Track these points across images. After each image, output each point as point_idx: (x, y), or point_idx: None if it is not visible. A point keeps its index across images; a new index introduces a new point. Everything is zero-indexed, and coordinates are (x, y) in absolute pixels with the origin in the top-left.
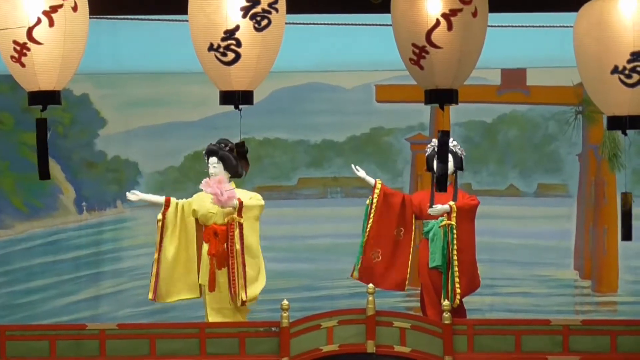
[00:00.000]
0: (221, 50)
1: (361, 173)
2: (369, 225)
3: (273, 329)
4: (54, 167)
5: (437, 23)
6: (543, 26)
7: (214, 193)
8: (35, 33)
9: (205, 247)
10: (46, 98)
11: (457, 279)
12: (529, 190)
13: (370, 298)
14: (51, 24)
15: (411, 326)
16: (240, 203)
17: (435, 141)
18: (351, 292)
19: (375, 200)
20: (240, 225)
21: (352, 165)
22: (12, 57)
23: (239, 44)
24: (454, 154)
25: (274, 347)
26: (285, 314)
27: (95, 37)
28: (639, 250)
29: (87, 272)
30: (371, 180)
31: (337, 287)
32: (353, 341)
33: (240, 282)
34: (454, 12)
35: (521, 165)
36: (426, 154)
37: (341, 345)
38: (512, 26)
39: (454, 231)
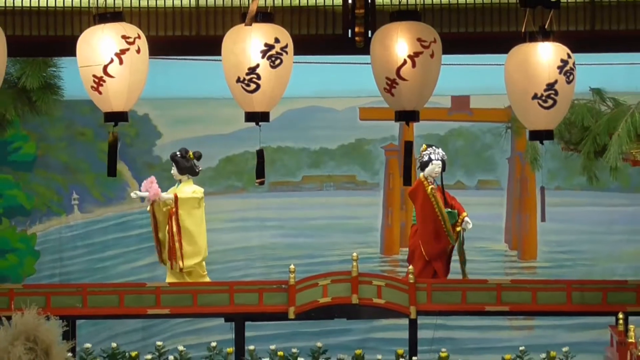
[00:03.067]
0: (246, 82)
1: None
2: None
3: (283, 286)
4: (123, 168)
5: (404, 62)
6: (482, 64)
7: (145, 190)
8: (109, 69)
9: None
10: (117, 117)
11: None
12: (471, 185)
13: (355, 264)
14: (121, 62)
15: (385, 284)
16: (175, 197)
17: (430, 149)
18: (341, 259)
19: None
20: (176, 214)
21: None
22: (92, 86)
23: (259, 77)
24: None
25: (284, 300)
26: (292, 275)
27: (153, 71)
28: (552, 229)
29: (147, 245)
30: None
31: (330, 256)
32: (342, 295)
33: (178, 254)
34: (416, 54)
35: (466, 166)
36: (421, 160)
37: (333, 298)
38: (460, 64)
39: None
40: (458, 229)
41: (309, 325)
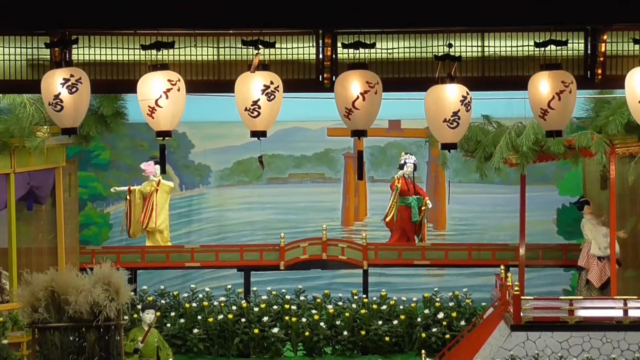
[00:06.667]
0: (251, 110)
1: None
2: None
3: (276, 247)
4: (169, 168)
5: (357, 97)
6: (409, 99)
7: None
8: (159, 102)
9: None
10: (164, 134)
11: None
12: None
13: (324, 232)
14: (167, 97)
15: (347, 246)
16: (159, 181)
17: (408, 156)
18: (315, 230)
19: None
20: (157, 190)
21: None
22: (147, 113)
23: (259, 107)
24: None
25: (277, 257)
26: (282, 240)
27: (189, 103)
28: (456, 209)
29: (183, 220)
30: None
31: (308, 227)
32: (316, 253)
33: (153, 218)
34: (366, 92)
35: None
36: (406, 166)
37: (310, 255)
38: (394, 99)
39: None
40: (423, 208)
41: (293, 274)
